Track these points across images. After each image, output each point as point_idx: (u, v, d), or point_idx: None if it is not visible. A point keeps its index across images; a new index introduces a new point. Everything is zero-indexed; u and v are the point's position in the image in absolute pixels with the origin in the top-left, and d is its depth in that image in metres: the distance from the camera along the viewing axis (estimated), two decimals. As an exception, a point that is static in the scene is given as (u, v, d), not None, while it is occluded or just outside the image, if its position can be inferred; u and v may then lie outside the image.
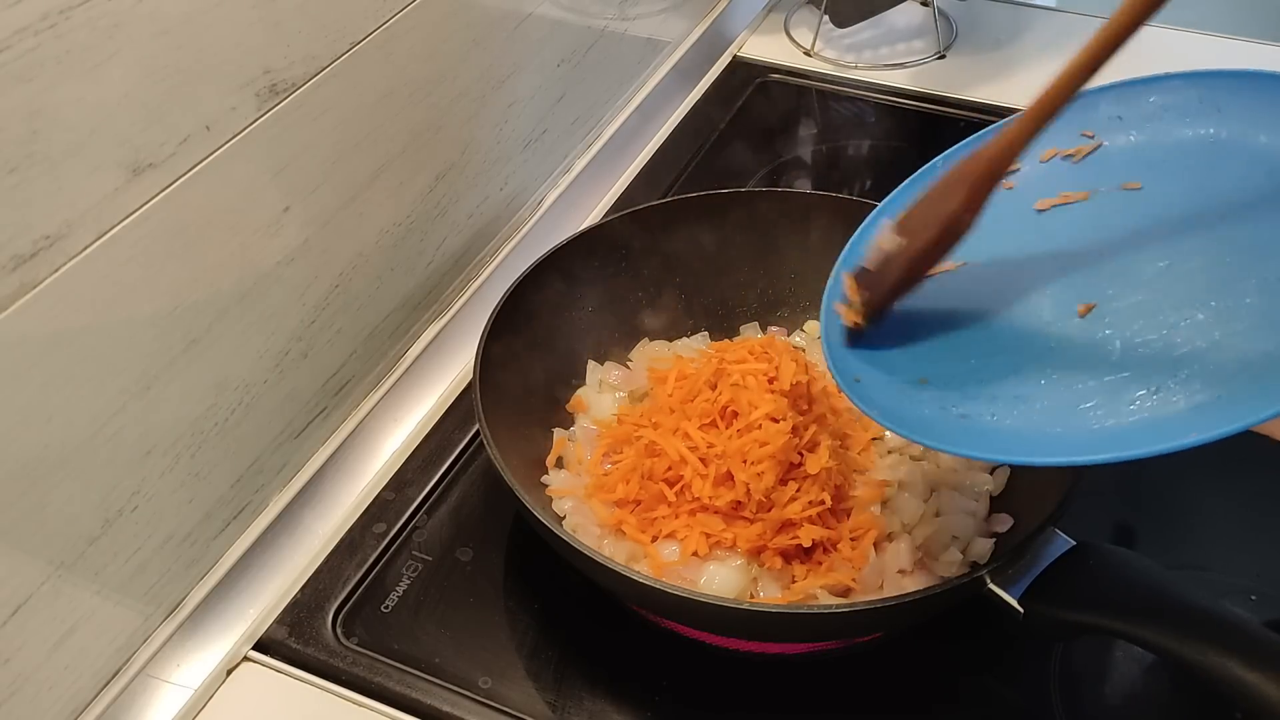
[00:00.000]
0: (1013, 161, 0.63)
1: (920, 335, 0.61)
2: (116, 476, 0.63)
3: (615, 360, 0.83)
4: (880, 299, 0.64)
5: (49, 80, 0.53)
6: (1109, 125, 0.66)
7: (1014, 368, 0.56)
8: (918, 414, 0.56)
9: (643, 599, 0.64)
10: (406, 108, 0.79)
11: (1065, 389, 0.54)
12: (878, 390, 0.59)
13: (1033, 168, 0.66)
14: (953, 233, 0.61)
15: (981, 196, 0.61)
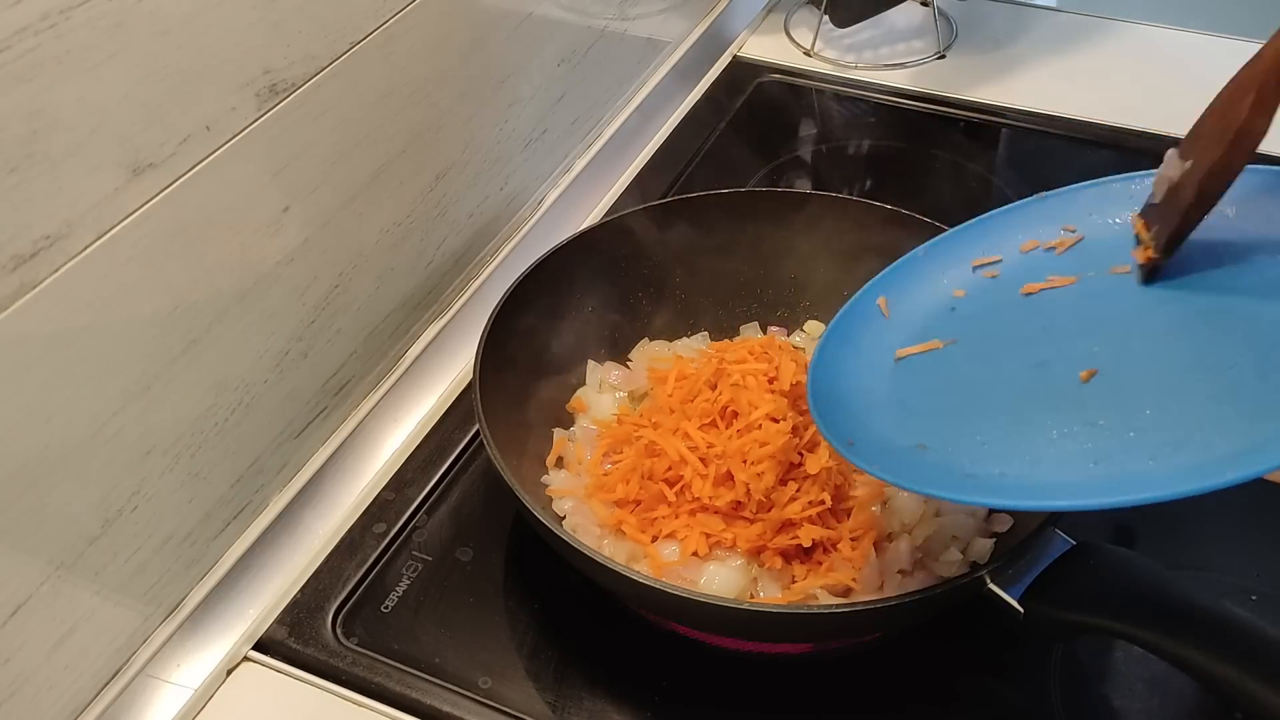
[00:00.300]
0: None
1: (912, 406, 0.62)
2: (116, 476, 0.63)
3: (615, 360, 0.83)
4: (1176, 229, 0.61)
5: (49, 80, 0.53)
6: (1089, 219, 0.67)
7: (1018, 431, 0.56)
8: (921, 473, 0.57)
9: (643, 599, 0.64)
10: (406, 108, 0.79)
11: (1074, 445, 0.54)
12: (874, 452, 0.59)
13: (1015, 259, 0.67)
14: (1245, 144, 0.57)
15: (1273, 101, 0.56)
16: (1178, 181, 0.61)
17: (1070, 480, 0.52)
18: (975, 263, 0.68)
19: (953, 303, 0.67)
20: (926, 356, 0.64)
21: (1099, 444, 0.53)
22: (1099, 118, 1.08)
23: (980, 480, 0.55)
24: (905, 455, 0.58)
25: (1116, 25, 1.21)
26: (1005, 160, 1.08)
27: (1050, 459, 0.54)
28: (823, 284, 0.86)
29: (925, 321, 0.66)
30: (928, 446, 0.58)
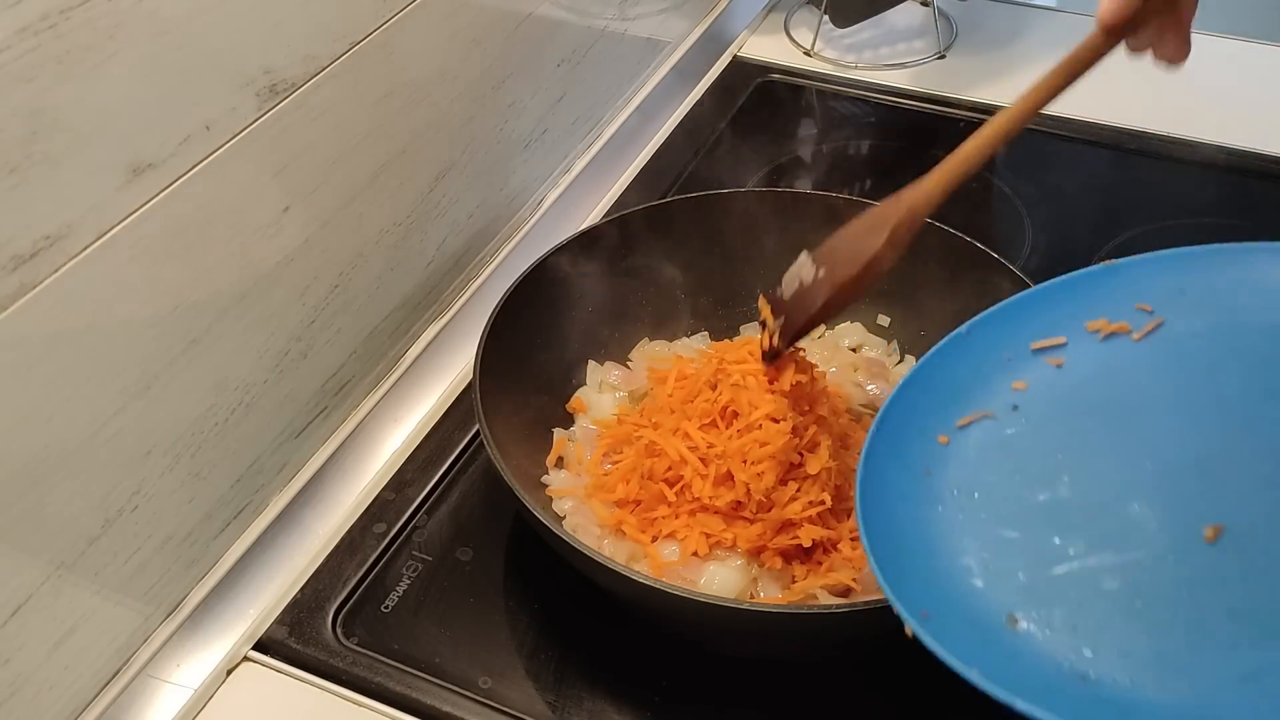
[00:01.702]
0: (931, 210, 0.68)
1: (991, 560, 0.50)
2: (116, 476, 0.63)
3: (615, 360, 0.83)
4: (799, 328, 0.67)
5: (49, 80, 0.53)
6: (1174, 297, 0.56)
7: (1136, 608, 0.45)
8: (1019, 670, 0.45)
9: (643, 599, 0.64)
10: (406, 108, 0.79)
11: (1222, 648, 0.43)
12: (955, 629, 0.47)
13: (1082, 342, 0.56)
14: (875, 270, 0.64)
15: (903, 240, 0.64)
16: (808, 286, 0.65)
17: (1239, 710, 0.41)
18: (1035, 345, 0.57)
19: (1013, 398, 0.56)
20: (999, 477, 0.53)
21: (1262, 653, 0.41)
22: (1099, 118, 1.08)
23: (1099, 689, 0.43)
24: (992, 635, 0.47)
25: (1116, 25, 1.21)
26: (1005, 160, 1.08)
27: (1196, 668, 0.42)
28: (823, 284, 0.86)
29: (985, 430, 0.55)
30: (1020, 620, 0.46)
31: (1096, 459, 0.52)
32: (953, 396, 0.56)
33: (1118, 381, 0.54)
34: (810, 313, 0.66)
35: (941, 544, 0.50)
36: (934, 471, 0.53)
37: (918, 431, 0.55)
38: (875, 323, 0.85)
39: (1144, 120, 1.07)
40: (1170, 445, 0.51)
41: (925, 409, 0.55)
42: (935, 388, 0.56)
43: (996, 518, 0.51)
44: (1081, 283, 0.58)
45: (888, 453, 0.53)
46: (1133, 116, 1.08)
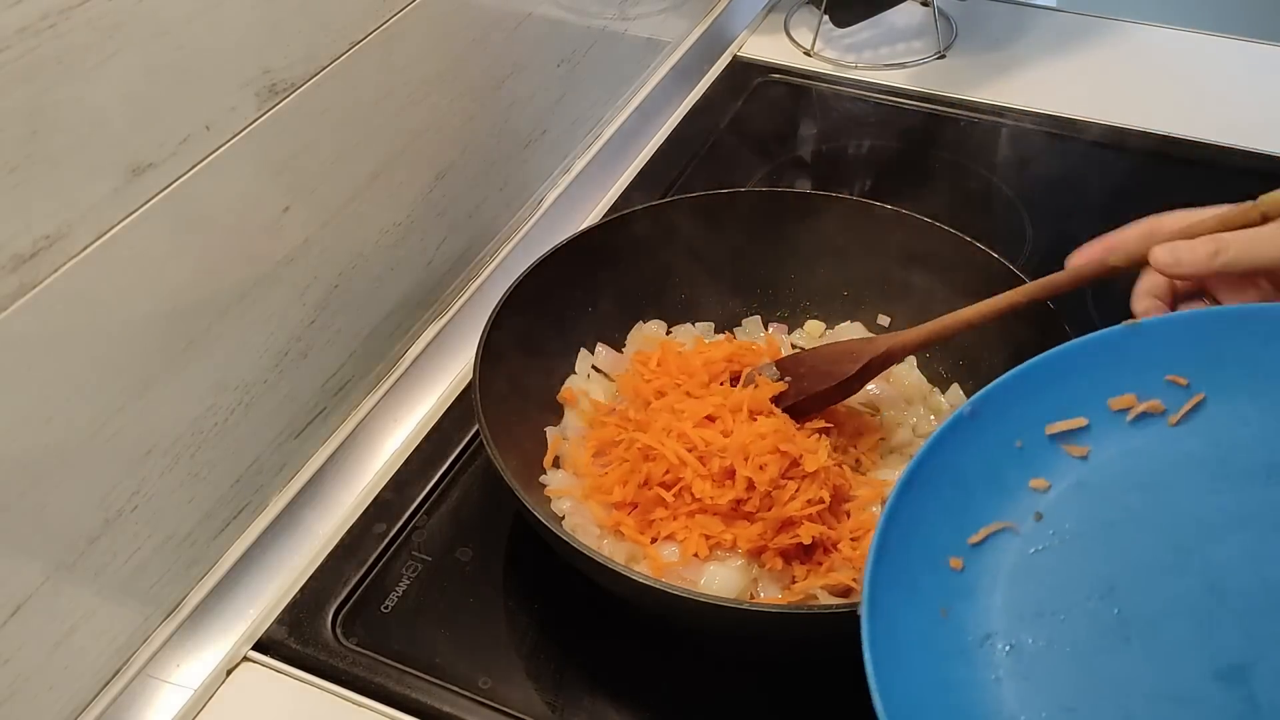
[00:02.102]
0: (904, 356, 0.72)
1: None
2: (116, 476, 0.63)
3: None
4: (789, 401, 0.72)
5: (49, 80, 0.53)
6: (1208, 368, 0.47)
7: None
8: None
9: (643, 599, 0.64)
10: (406, 108, 0.79)
11: None
12: None
13: (1107, 427, 0.48)
14: (846, 389, 0.72)
15: (876, 373, 0.72)
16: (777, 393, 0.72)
17: None
18: (1051, 429, 0.48)
19: (1034, 501, 0.47)
20: (1034, 620, 0.44)
21: None
22: (1099, 118, 1.08)
23: None
24: None
25: (1116, 25, 1.21)
26: (1005, 160, 1.08)
27: None
28: (823, 284, 0.86)
29: (1004, 547, 0.46)
30: None
31: (1149, 588, 0.42)
32: (961, 502, 0.47)
33: (1157, 480, 0.45)
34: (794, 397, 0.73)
35: (964, 685, 0.42)
36: (953, 611, 0.45)
37: (924, 554, 0.46)
38: (875, 323, 0.85)
39: (1144, 120, 1.07)
40: (1236, 571, 0.42)
41: (930, 521, 0.46)
42: (939, 491, 0.47)
43: (1043, 684, 0.42)
44: (1099, 348, 0.49)
45: (894, 585, 0.44)
46: (1133, 116, 1.08)
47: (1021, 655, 0.43)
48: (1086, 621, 0.43)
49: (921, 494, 0.47)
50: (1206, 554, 0.43)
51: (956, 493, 0.47)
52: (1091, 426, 0.48)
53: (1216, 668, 0.40)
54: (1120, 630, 0.42)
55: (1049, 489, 0.47)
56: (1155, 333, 0.49)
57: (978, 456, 0.48)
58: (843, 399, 0.75)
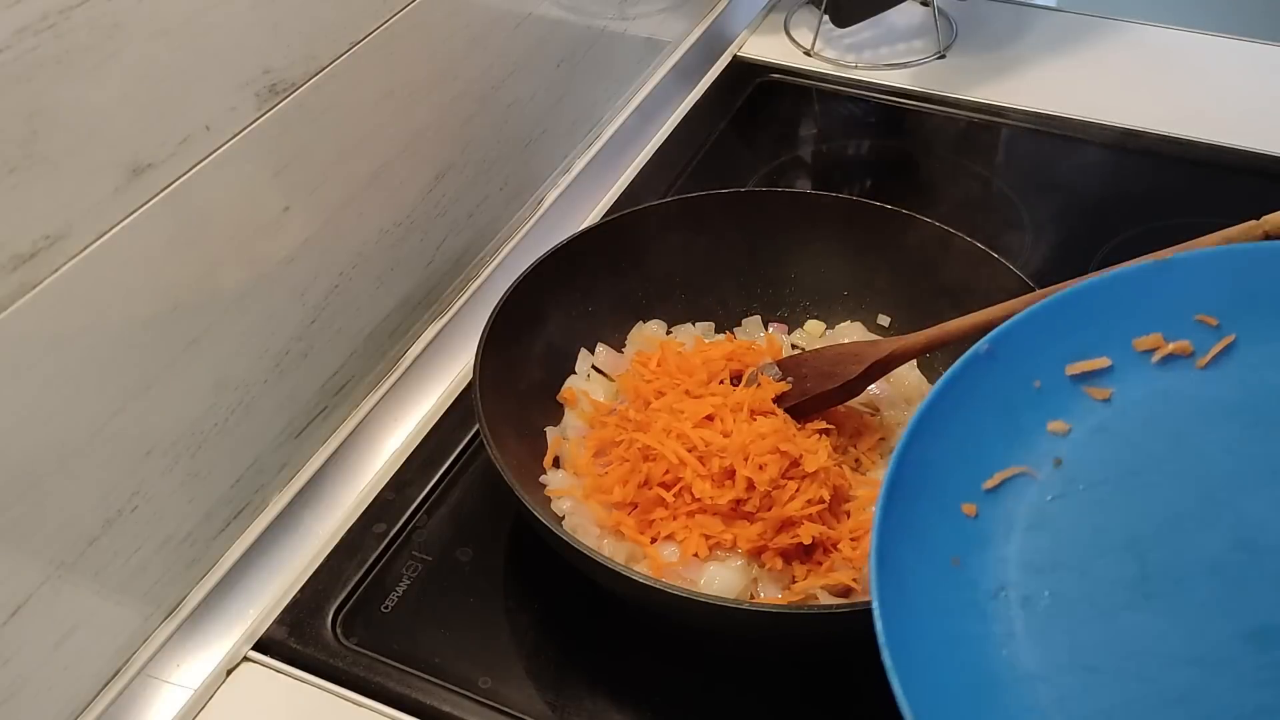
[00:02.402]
0: (907, 360, 0.72)
1: (1074, 705, 0.38)
2: (116, 476, 0.63)
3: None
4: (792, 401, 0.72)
5: (49, 80, 0.53)
6: (1244, 308, 0.44)
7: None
8: None
9: (643, 599, 0.64)
10: (406, 108, 0.79)
11: None
12: None
13: (1131, 367, 0.45)
14: (848, 390, 0.73)
15: (877, 376, 0.72)
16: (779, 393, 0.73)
17: None
18: (1072, 369, 0.46)
19: (1054, 446, 0.44)
20: (1054, 572, 0.41)
21: None
22: (1099, 118, 1.08)
23: None
24: None
25: (1116, 25, 1.21)
26: (1005, 160, 1.08)
27: None
28: (823, 284, 0.86)
29: (1020, 494, 0.43)
30: None
31: (1174, 543, 0.39)
32: (975, 445, 0.45)
33: (1184, 426, 0.42)
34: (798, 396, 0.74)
35: (996, 678, 0.38)
36: (965, 560, 0.42)
37: (936, 500, 0.43)
38: (875, 323, 0.85)
39: (1144, 120, 1.07)
40: (1268, 526, 0.39)
41: (943, 465, 0.44)
42: (952, 433, 0.44)
43: (1060, 641, 0.39)
44: (1124, 285, 0.46)
45: (905, 532, 0.42)
46: (1133, 116, 1.08)
47: (1036, 610, 0.40)
48: (1107, 576, 0.40)
49: (934, 436, 0.44)
50: (1237, 507, 0.40)
51: (971, 435, 0.45)
52: (1115, 368, 0.45)
53: (1246, 628, 0.38)
54: (1142, 586, 0.39)
55: (1069, 433, 0.44)
56: (1184, 269, 0.46)
57: (993, 397, 0.45)
58: (844, 401, 0.75)
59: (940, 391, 0.45)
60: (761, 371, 0.75)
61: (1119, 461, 0.43)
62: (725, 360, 0.77)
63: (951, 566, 0.42)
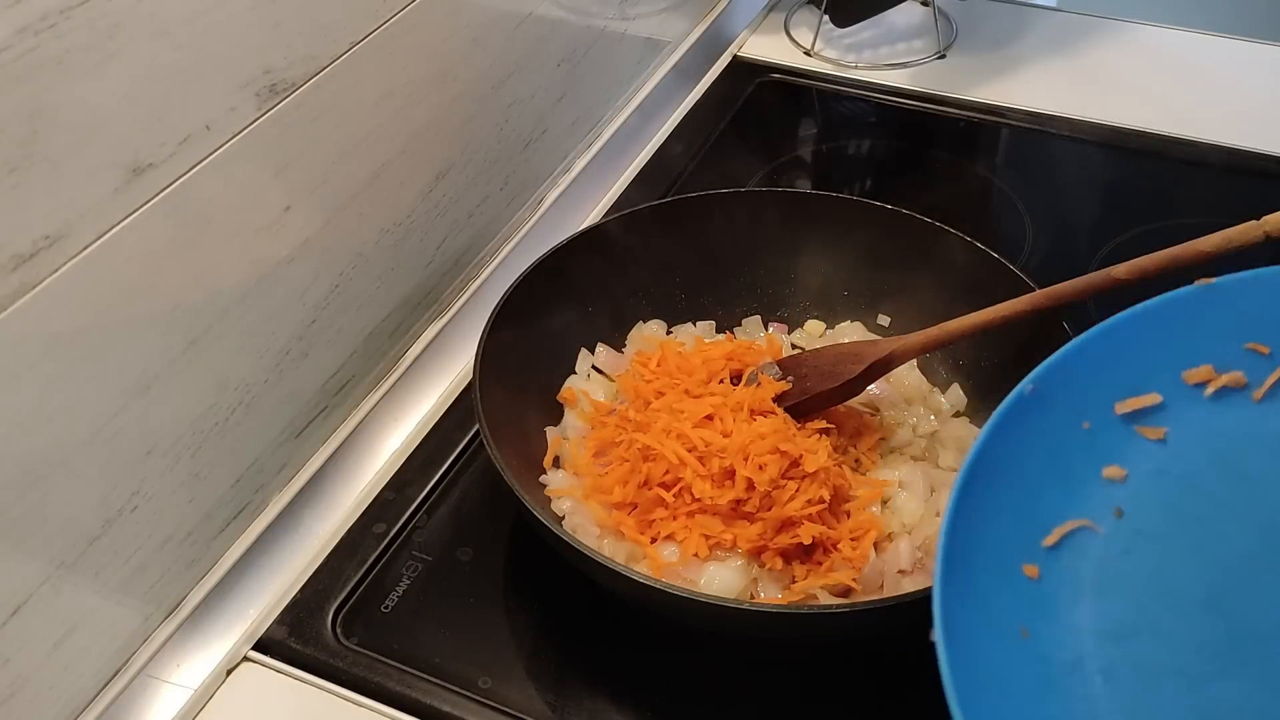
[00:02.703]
0: (906, 360, 0.73)
1: None
2: (116, 476, 0.63)
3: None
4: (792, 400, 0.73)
5: (49, 80, 0.53)
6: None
7: None
8: None
9: (643, 599, 0.64)
10: (406, 108, 0.79)
11: None
12: None
13: (1183, 403, 0.42)
14: (849, 390, 0.73)
15: (877, 376, 0.73)
16: (780, 392, 0.73)
17: None
18: (1121, 408, 0.43)
19: (1112, 494, 0.41)
20: (1128, 642, 0.37)
21: None
22: (1099, 118, 1.08)
23: None
24: None
25: (1116, 25, 1.21)
26: (1005, 160, 1.08)
27: None
28: (823, 284, 0.86)
29: (1084, 550, 0.39)
30: None
31: (1257, 597, 0.36)
32: (1028, 498, 0.41)
33: (1246, 465, 0.39)
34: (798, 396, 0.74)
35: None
36: (1035, 630, 0.38)
37: (995, 563, 0.40)
38: (875, 323, 0.85)
39: (1144, 120, 1.07)
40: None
41: (997, 523, 0.41)
42: (1002, 486, 0.41)
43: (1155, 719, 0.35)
44: (1168, 313, 0.43)
45: (967, 603, 0.38)
46: (1133, 116, 1.08)
47: (1119, 684, 0.36)
48: (1191, 640, 0.37)
49: (985, 490, 0.41)
50: None
51: (1023, 487, 0.42)
52: (1166, 404, 0.42)
53: None
54: (1232, 651, 0.36)
55: (1126, 478, 0.41)
56: (1232, 293, 0.43)
57: (1042, 442, 0.42)
58: (844, 400, 0.75)
59: (986, 440, 0.42)
60: (761, 371, 0.75)
61: (1183, 508, 0.40)
62: (725, 360, 0.77)
63: (1021, 639, 0.38)
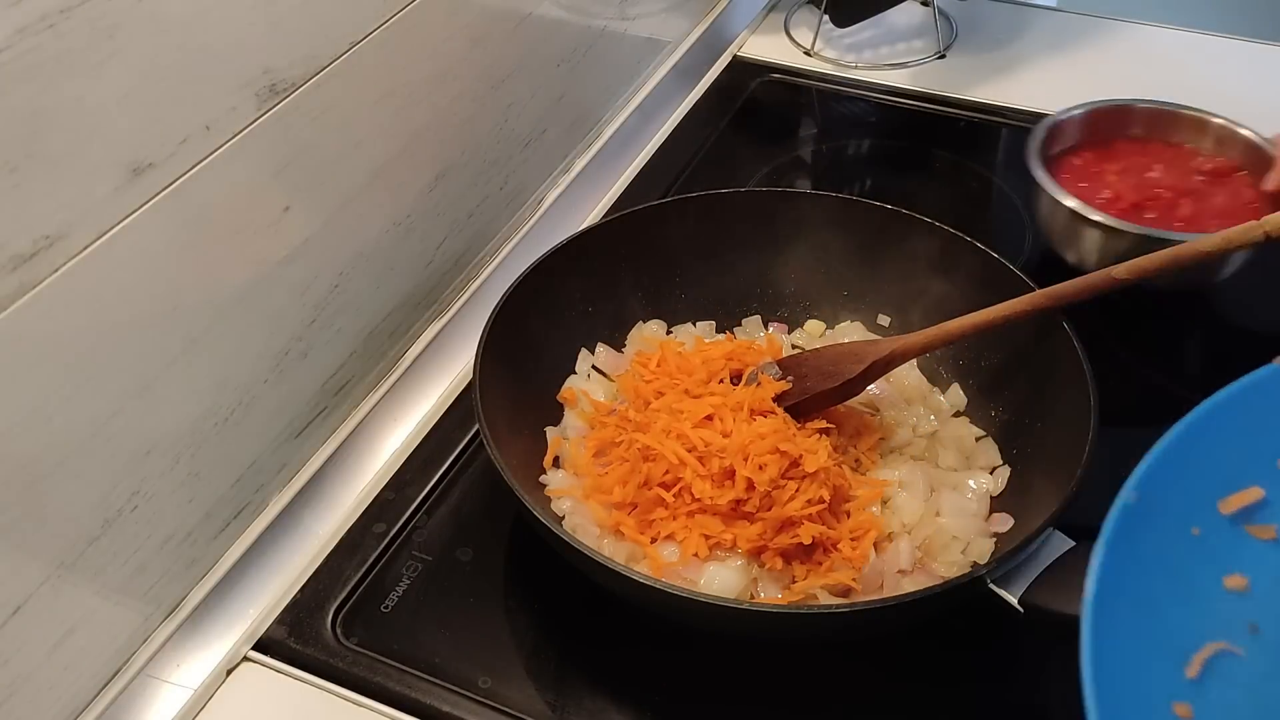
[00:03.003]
0: (907, 360, 0.73)
1: None
2: (116, 476, 0.63)
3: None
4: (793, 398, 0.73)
5: (49, 80, 0.53)
6: None
7: None
8: None
9: (643, 599, 0.64)
10: (406, 108, 0.79)
11: None
12: None
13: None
14: (849, 390, 0.73)
15: (878, 376, 0.74)
16: (780, 392, 0.73)
17: None
18: (1225, 507, 0.39)
19: (1240, 608, 0.37)
20: None
21: None
22: (1099, 118, 1.08)
23: None
24: None
25: (1116, 25, 1.21)
26: (1005, 160, 1.08)
27: None
28: (823, 284, 0.86)
29: (1230, 676, 0.36)
30: None
31: None
32: (1159, 622, 0.38)
33: None
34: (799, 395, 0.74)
35: None
36: None
37: (1143, 706, 0.36)
38: (875, 323, 0.85)
39: (1144, 120, 1.07)
40: None
41: (1133, 659, 0.37)
42: (1129, 613, 0.38)
43: None
44: (1253, 396, 0.40)
45: None
46: (1133, 116, 1.08)
47: None
48: None
49: (1112, 623, 0.38)
50: None
51: (1149, 612, 0.38)
52: (1270, 498, 0.39)
53: None
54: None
55: (1250, 587, 0.38)
56: None
57: (1157, 557, 0.39)
58: (845, 400, 0.75)
59: (1103, 563, 0.38)
60: (761, 371, 0.75)
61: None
62: (725, 360, 0.77)
63: None
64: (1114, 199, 0.88)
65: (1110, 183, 0.90)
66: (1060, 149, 0.94)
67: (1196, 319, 0.91)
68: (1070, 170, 0.92)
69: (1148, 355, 0.88)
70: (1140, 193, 0.89)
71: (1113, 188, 0.89)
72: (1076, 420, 0.67)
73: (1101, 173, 0.92)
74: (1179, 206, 0.88)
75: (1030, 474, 0.72)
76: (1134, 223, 0.82)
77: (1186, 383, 0.87)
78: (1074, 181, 0.90)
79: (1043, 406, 0.74)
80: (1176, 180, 0.90)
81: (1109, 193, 0.89)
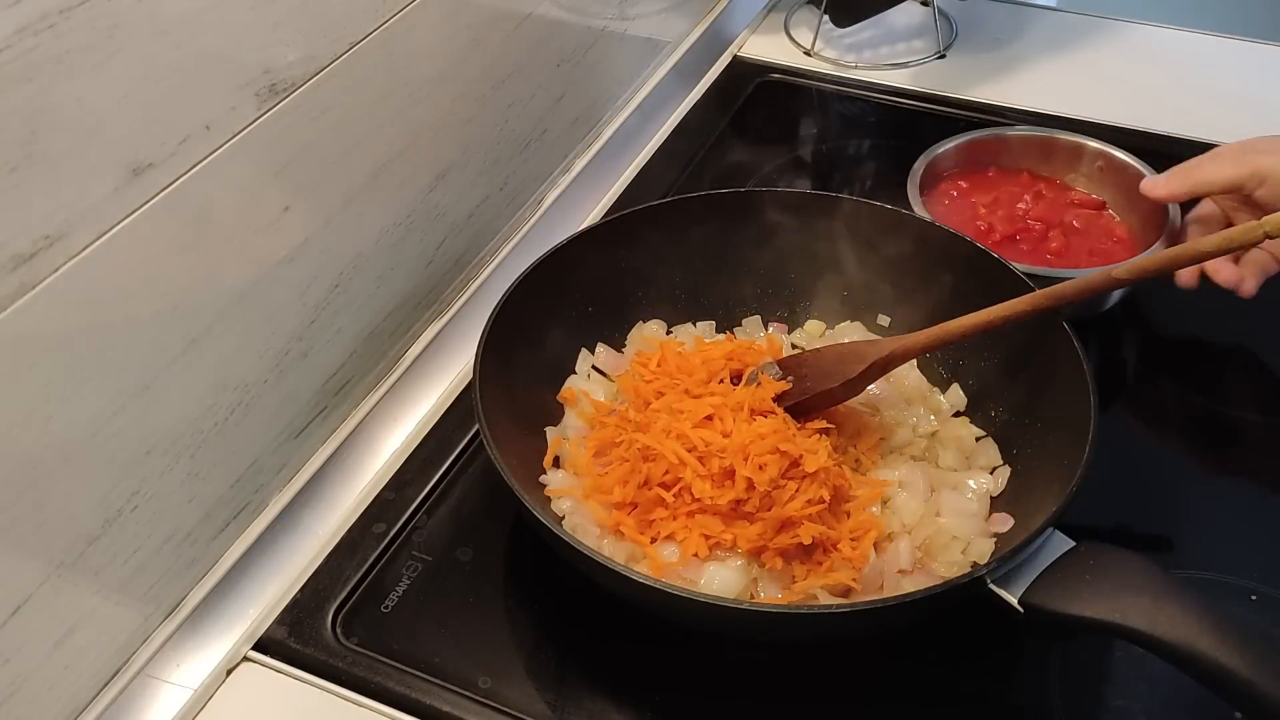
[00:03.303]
0: (907, 360, 0.73)
1: None
2: (116, 476, 0.63)
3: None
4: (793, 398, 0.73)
5: (49, 80, 0.53)
6: None
7: None
8: None
9: (643, 599, 0.64)
10: (406, 108, 0.79)
11: None
12: None
13: None
14: (851, 389, 0.74)
15: (878, 375, 0.74)
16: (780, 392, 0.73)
17: None
18: None
19: None
20: None
21: None
22: (1099, 118, 1.08)
23: None
24: None
25: (1116, 25, 1.21)
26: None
27: None
28: (823, 284, 0.86)
29: None
30: None
31: None
32: None
33: None
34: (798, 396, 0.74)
35: None
36: None
37: None
38: (875, 323, 0.85)
39: (1144, 120, 1.07)
40: None
41: None
42: None
43: None
44: None
45: None
46: (1132, 116, 1.08)
47: None
48: None
49: None
50: None
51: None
52: None
53: None
54: None
55: None
56: None
57: None
58: (845, 400, 0.75)
59: None
60: (761, 371, 0.75)
61: None
62: (725, 360, 0.77)
63: None
64: (987, 231, 0.90)
65: (982, 215, 0.92)
66: (940, 178, 0.96)
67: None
68: (948, 200, 0.94)
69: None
70: (1011, 225, 0.91)
71: (984, 220, 0.91)
72: (1076, 420, 0.68)
73: (975, 205, 0.94)
74: (1049, 240, 0.90)
75: (1030, 474, 0.72)
76: (1007, 256, 0.80)
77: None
78: (949, 215, 0.92)
79: (1043, 406, 0.74)
80: (1045, 212, 0.93)
81: (982, 225, 0.91)
